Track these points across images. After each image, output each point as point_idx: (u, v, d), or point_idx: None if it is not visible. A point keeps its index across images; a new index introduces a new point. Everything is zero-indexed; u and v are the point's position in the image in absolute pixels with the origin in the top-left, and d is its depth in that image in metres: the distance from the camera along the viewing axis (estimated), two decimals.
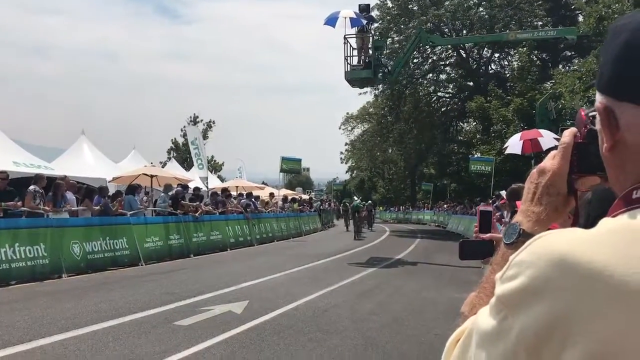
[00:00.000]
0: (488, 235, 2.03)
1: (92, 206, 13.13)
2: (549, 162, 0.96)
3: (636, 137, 0.78)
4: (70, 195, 12.63)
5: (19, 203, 11.15)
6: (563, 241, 0.73)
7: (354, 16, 19.69)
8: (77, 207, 12.97)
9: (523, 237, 0.90)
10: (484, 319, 0.78)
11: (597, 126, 0.86)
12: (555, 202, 0.95)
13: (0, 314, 7.40)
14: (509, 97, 29.35)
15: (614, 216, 0.79)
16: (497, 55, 40.34)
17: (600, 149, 0.86)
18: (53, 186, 12.07)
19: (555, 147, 0.98)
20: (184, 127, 46.75)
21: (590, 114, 0.91)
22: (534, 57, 31.21)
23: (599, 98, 0.84)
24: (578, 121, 0.96)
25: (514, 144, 14.17)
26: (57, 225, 11.46)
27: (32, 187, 11.51)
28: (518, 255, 0.76)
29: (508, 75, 36.02)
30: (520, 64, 30.12)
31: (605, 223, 0.76)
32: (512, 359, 0.72)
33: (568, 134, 0.95)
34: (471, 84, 40.03)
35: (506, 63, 40.06)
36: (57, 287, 9.94)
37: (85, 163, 19.42)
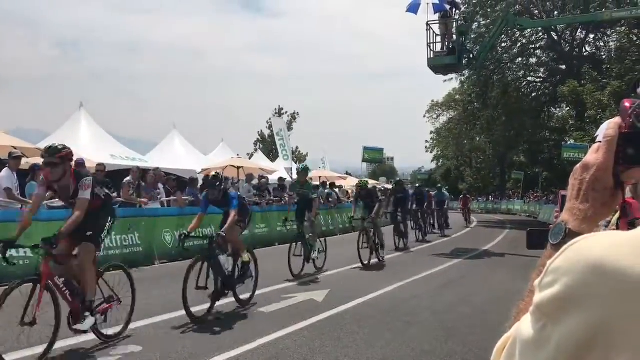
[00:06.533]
0: None
1: (182, 197, 13.70)
2: (593, 156, 0.93)
3: None
4: (160, 187, 13.28)
5: (115, 194, 11.84)
6: (599, 246, 0.70)
7: (436, 1, 19.30)
8: (167, 197, 13.60)
9: (570, 236, 0.87)
10: (525, 326, 0.76)
11: None
12: (602, 198, 0.91)
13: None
14: (605, 80, 27.73)
15: None
16: (592, 36, 38.00)
17: None
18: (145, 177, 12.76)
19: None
20: (270, 119, 47.80)
21: (636, 106, 0.87)
22: (634, 36, 29.18)
23: None
24: (622, 111, 0.92)
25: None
26: (150, 215, 12.09)
27: (127, 179, 12.23)
28: (554, 262, 0.74)
29: (604, 57, 33.97)
30: (618, 44, 28.30)
31: None
32: None
33: (612, 126, 0.91)
34: (564, 67, 38.13)
35: (602, 44, 37.66)
36: (150, 273, 10.47)
37: (176, 155, 20.36)
